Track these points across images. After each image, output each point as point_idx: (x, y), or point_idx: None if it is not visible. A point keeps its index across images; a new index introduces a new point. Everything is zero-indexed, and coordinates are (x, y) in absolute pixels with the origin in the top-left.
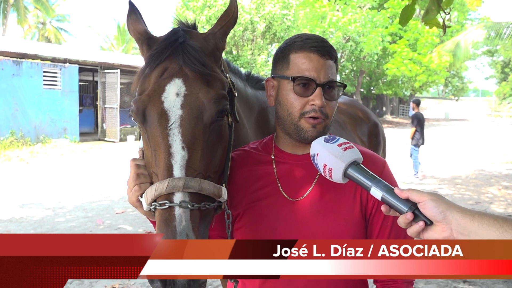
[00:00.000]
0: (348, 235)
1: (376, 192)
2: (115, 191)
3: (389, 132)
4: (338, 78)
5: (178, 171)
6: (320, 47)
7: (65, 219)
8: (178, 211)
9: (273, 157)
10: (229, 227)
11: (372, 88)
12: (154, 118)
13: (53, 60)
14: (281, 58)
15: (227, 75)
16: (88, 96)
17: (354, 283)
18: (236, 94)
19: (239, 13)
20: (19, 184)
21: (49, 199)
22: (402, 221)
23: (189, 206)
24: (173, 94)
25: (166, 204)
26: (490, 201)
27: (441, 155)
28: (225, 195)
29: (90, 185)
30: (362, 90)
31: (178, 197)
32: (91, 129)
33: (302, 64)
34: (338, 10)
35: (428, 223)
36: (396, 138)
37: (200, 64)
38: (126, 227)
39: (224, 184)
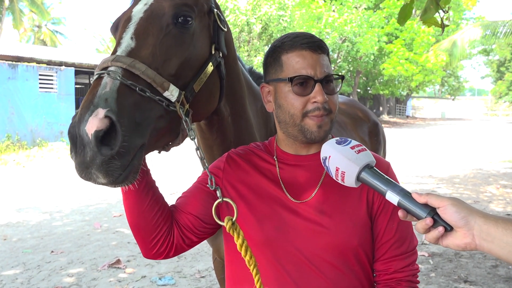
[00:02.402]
0: (354, 237)
1: (392, 197)
2: (112, 194)
3: (386, 132)
4: None
5: (119, 54)
6: (310, 43)
7: (62, 223)
8: (105, 79)
9: (275, 159)
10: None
11: (368, 88)
12: (121, 23)
13: (49, 63)
14: (272, 61)
15: (215, 9)
16: None
17: (360, 284)
18: (224, 29)
19: (235, 15)
20: (15, 188)
21: (46, 203)
22: (421, 226)
23: (118, 77)
24: (142, 4)
25: (96, 75)
26: (489, 200)
27: (439, 154)
28: (173, 92)
29: (87, 189)
30: (358, 90)
31: (109, 69)
32: None
33: (296, 63)
34: (334, 11)
35: (449, 228)
36: (394, 137)
37: None
38: (124, 230)
39: (183, 92)
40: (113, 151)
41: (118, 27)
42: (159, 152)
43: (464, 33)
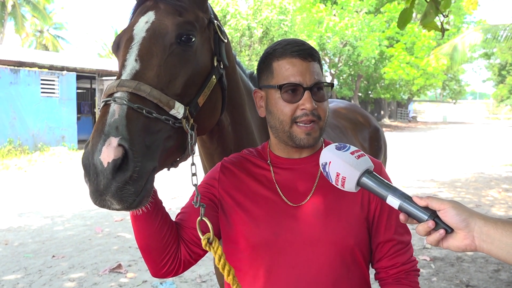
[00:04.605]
0: (351, 236)
1: (393, 201)
2: None
3: (387, 136)
4: (335, 82)
5: (124, 78)
6: (301, 50)
7: (63, 227)
8: (112, 106)
9: (269, 163)
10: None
11: (370, 92)
12: (123, 43)
13: (51, 68)
14: (264, 68)
15: (215, 21)
16: (86, 103)
17: (357, 284)
18: (224, 40)
19: (236, 19)
20: (17, 193)
21: (47, 207)
22: (422, 229)
23: (124, 102)
24: (143, 22)
25: (103, 102)
26: (491, 204)
27: (441, 158)
28: (179, 109)
29: (88, 193)
30: (360, 94)
31: (115, 95)
32: (89, 136)
33: (286, 70)
34: (335, 15)
35: (449, 231)
36: (395, 141)
37: None
38: (125, 235)
39: (187, 107)
40: (126, 177)
41: (120, 46)
42: (168, 170)
43: (465, 37)
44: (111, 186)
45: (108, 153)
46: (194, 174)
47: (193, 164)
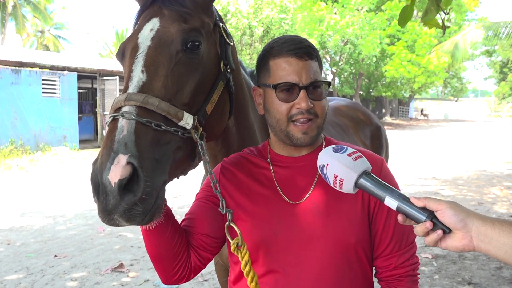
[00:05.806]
0: (351, 234)
1: (391, 202)
2: None
3: (389, 134)
4: (337, 80)
5: (131, 90)
6: (297, 49)
7: (65, 227)
8: (121, 121)
9: (269, 161)
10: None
11: (371, 90)
12: (128, 52)
13: (52, 68)
14: (262, 66)
15: (220, 24)
16: (88, 103)
17: (360, 282)
18: (231, 43)
19: (237, 18)
20: (19, 193)
21: (49, 207)
22: (420, 230)
23: (133, 117)
24: (148, 30)
25: (111, 117)
26: (493, 202)
27: (442, 156)
28: (188, 120)
29: (90, 193)
30: (361, 92)
31: (123, 109)
32: (90, 136)
33: (282, 70)
34: (335, 13)
35: (447, 231)
36: (397, 139)
37: (178, 4)
38: (127, 234)
39: (196, 116)
40: (136, 198)
41: (125, 55)
42: (178, 178)
43: (466, 34)
44: (119, 207)
45: (116, 172)
46: (215, 183)
47: (210, 173)
